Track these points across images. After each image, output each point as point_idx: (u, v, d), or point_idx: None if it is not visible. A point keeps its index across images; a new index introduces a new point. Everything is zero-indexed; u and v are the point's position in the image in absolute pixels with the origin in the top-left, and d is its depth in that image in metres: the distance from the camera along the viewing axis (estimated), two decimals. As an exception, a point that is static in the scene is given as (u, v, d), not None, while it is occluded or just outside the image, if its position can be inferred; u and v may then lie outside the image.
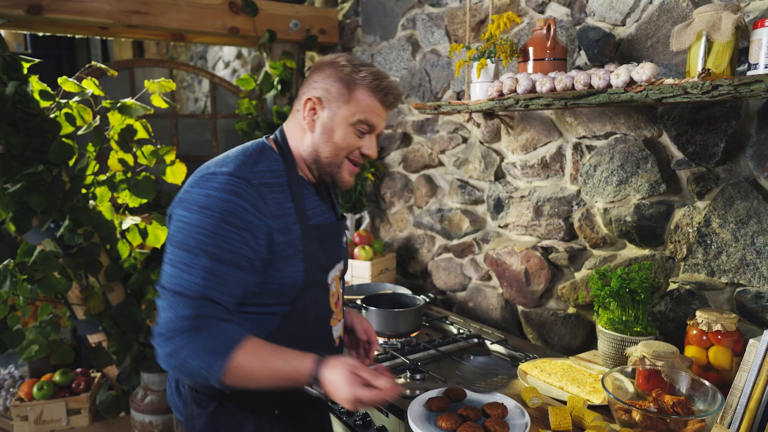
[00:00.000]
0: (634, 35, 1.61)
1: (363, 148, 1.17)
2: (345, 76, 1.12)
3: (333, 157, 1.15)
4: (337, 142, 1.14)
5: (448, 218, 2.36)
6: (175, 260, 1.03)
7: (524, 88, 1.48)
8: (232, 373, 0.99)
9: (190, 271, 1.01)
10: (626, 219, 1.66)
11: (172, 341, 0.99)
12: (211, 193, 1.04)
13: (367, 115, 1.14)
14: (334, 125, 1.13)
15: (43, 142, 2.26)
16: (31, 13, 2.25)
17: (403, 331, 1.77)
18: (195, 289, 1.01)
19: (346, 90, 1.12)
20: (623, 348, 1.48)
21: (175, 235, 1.04)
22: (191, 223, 1.03)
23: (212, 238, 1.02)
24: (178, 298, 1.01)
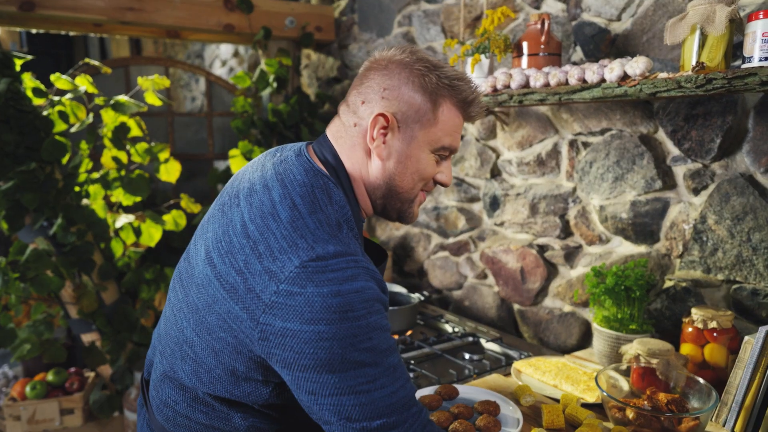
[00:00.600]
0: (630, 30, 1.60)
1: (439, 175, 0.94)
2: (428, 85, 0.86)
3: (410, 191, 0.91)
4: (417, 172, 0.90)
5: (444, 216, 2.35)
6: (343, 389, 0.76)
7: (518, 83, 1.46)
8: None
9: (405, 383, 0.80)
10: (622, 216, 1.64)
11: None
12: (341, 289, 0.77)
13: (452, 138, 0.90)
14: (412, 152, 0.89)
15: (36, 140, 2.24)
16: (23, 10, 2.23)
17: (397, 329, 1.75)
18: (393, 406, 0.78)
19: (431, 105, 0.87)
20: (619, 346, 1.47)
21: (317, 359, 0.76)
22: (336, 337, 0.75)
23: (374, 338, 0.78)
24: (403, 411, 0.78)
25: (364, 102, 0.89)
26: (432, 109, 0.87)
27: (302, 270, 0.77)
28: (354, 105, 0.91)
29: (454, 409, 1.18)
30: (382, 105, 0.87)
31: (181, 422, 0.92)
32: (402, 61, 0.89)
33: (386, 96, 0.87)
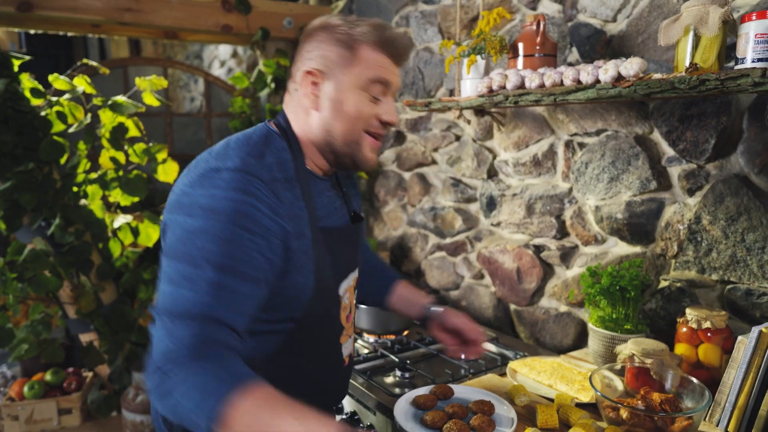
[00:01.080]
0: (625, 31, 1.60)
1: (382, 115, 0.99)
2: (343, 36, 0.95)
3: (349, 133, 0.98)
4: (349, 113, 0.97)
5: (441, 217, 2.35)
6: (173, 276, 0.84)
7: (513, 84, 1.47)
8: (228, 424, 0.73)
9: (193, 287, 0.83)
10: (617, 216, 1.65)
11: (168, 376, 0.78)
12: (218, 193, 0.86)
13: (377, 71, 0.97)
14: (342, 95, 0.96)
15: (34, 140, 2.25)
16: (21, 10, 2.23)
17: (393, 329, 1.76)
18: (200, 308, 0.82)
19: (348, 51, 0.95)
20: (614, 346, 1.47)
21: (174, 246, 0.86)
22: (194, 229, 0.85)
23: (221, 246, 0.84)
24: (179, 323, 0.81)
25: (297, 69, 1.00)
26: (350, 54, 0.96)
27: (200, 177, 0.90)
28: (293, 74, 1.02)
29: (448, 409, 1.18)
30: (307, 65, 0.98)
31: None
32: (321, 25, 1.00)
33: (310, 57, 0.98)
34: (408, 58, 1.02)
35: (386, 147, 2.65)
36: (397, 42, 0.98)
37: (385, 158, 2.67)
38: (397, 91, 1.06)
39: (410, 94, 2.47)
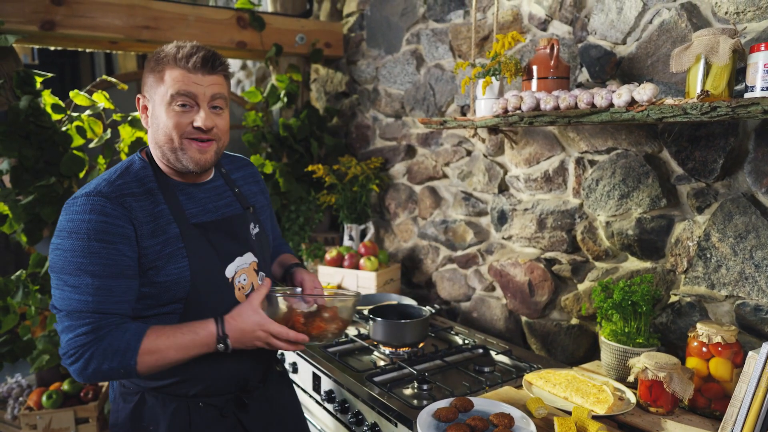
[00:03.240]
0: (635, 54, 1.66)
1: (194, 121, 1.16)
2: (152, 63, 1.17)
3: (170, 142, 1.16)
4: (162, 126, 1.16)
5: (452, 229, 2.40)
6: (60, 284, 1.10)
7: (528, 106, 1.52)
8: (144, 361, 1.09)
9: (77, 291, 1.08)
10: (628, 232, 1.70)
11: (77, 358, 1.08)
12: (75, 217, 1.10)
13: (176, 86, 1.14)
14: (157, 112, 1.16)
15: (55, 155, 2.30)
16: (44, 29, 2.30)
17: (409, 342, 1.80)
18: (87, 306, 1.08)
19: (157, 74, 1.15)
20: (626, 359, 1.52)
21: (55, 262, 1.11)
22: (65, 248, 1.09)
23: (88, 258, 1.08)
24: (73, 316, 1.09)
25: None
26: (159, 76, 1.15)
27: (65, 206, 1.13)
28: None
29: (470, 422, 1.23)
30: (141, 91, 1.22)
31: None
32: (149, 57, 1.20)
33: (143, 83, 1.21)
34: (211, 65, 1.17)
35: (397, 161, 2.71)
36: (192, 54, 1.14)
37: (396, 171, 2.73)
38: (211, 98, 1.18)
39: (421, 110, 2.53)
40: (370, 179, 2.72)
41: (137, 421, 1.24)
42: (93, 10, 2.37)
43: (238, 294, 1.27)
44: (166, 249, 1.16)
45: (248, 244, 1.32)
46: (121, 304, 1.12)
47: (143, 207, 1.15)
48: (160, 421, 1.24)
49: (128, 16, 2.46)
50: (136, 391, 1.26)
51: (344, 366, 1.73)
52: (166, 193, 1.20)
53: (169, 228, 1.17)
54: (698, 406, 1.38)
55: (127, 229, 1.12)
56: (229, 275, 1.26)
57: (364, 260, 2.48)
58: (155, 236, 1.15)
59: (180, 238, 1.18)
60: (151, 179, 1.20)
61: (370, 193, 2.83)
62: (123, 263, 1.11)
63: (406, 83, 2.62)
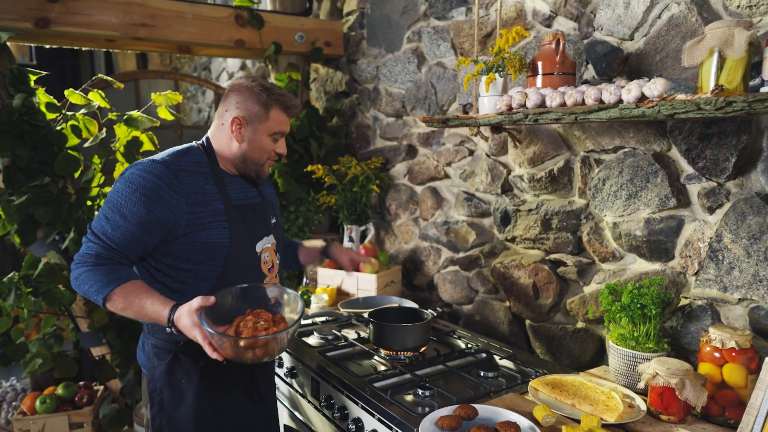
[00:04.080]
0: (643, 50, 1.61)
1: (277, 149, 1.53)
2: (262, 99, 1.46)
3: (258, 160, 1.51)
4: (260, 148, 1.50)
5: (454, 231, 2.35)
6: (103, 213, 1.37)
7: (534, 103, 1.47)
8: (111, 301, 1.32)
9: (107, 222, 1.35)
10: (636, 233, 1.65)
11: (77, 269, 1.35)
12: (136, 172, 1.37)
13: (280, 127, 1.50)
14: (257, 137, 1.48)
15: (49, 154, 2.26)
16: (39, 27, 2.25)
17: (410, 346, 1.75)
18: (106, 235, 1.35)
19: (264, 110, 1.47)
20: (635, 364, 1.47)
21: (108, 197, 1.38)
22: (117, 190, 1.37)
23: (128, 202, 1.34)
24: (93, 239, 1.36)
25: (227, 110, 1.49)
26: (266, 112, 1.47)
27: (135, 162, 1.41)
28: (221, 112, 1.50)
29: (474, 431, 1.18)
30: (236, 112, 1.48)
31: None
32: (247, 86, 1.48)
33: (239, 107, 1.48)
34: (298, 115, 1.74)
35: (397, 161, 2.66)
36: (294, 108, 1.52)
37: (397, 171, 2.68)
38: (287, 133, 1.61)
39: (423, 108, 2.48)
40: (371, 180, 2.68)
41: (172, 375, 1.45)
42: (88, 7, 2.33)
43: (263, 267, 1.54)
44: (208, 218, 1.42)
45: (271, 229, 1.60)
46: (132, 249, 1.37)
47: (194, 182, 1.42)
48: (192, 375, 1.45)
49: (125, 13, 2.41)
50: (170, 350, 1.46)
51: (343, 371, 1.68)
52: (216, 177, 1.48)
53: (213, 203, 1.44)
54: (712, 414, 1.33)
55: (171, 197, 1.37)
56: (258, 250, 1.53)
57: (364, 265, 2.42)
58: (202, 205, 1.41)
59: (224, 213, 1.44)
60: (205, 165, 1.47)
61: (371, 194, 2.78)
62: (148, 219, 1.34)
63: (407, 82, 2.57)
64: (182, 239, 1.40)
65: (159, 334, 1.48)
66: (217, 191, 1.46)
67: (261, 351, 1.26)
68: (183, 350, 1.46)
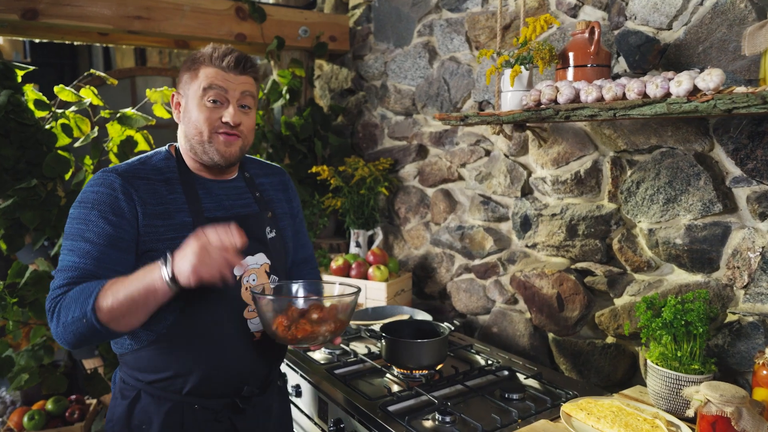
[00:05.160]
0: (683, 40, 1.47)
1: (222, 117, 1.22)
2: (188, 62, 1.24)
3: (199, 135, 1.22)
4: (193, 119, 1.22)
5: (469, 236, 2.21)
6: (64, 248, 1.17)
7: (566, 98, 1.33)
8: (102, 309, 1.05)
9: (72, 253, 1.15)
10: (676, 241, 1.50)
11: (50, 313, 1.11)
12: (87, 189, 1.19)
13: (209, 81, 1.20)
14: (189, 106, 1.23)
15: (38, 155, 2.11)
16: (26, 18, 2.11)
17: (427, 364, 1.61)
18: (74, 265, 1.14)
19: (192, 72, 1.22)
20: (678, 387, 1.32)
21: (66, 229, 1.19)
22: (73, 216, 1.18)
23: (86, 225, 1.15)
24: (59, 274, 1.14)
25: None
26: (194, 74, 1.22)
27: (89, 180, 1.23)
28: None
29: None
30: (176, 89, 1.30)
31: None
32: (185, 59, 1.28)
33: (178, 85, 1.29)
34: (243, 67, 1.24)
35: (407, 161, 2.52)
36: (226, 54, 1.22)
37: (406, 173, 2.54)
38: (240, 95, 1.23)
39: (434, 106, 2.34)
40: (379, 181, 2.53)
41: (130, 419, 1.24)
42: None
43: (244, 294, 1.27)
44: (169, 233, 1.19)
45: (262, 245, 1.33)
46: (108, 272, 1.13)
47: (154, 191, 1.21)
48: (153, 420, 1.23)
49: (118, 5, 2.27)
50: (134, 387, 1.26)
51: (353, 391, 1.54)
52: (186, 185, 1.25)
53: (178, 215, 1.21)
54: (770, 446, 1.18)
55: (129, 207, 1.17)
56: (237, 273, 1.26)
57: (373, 270, 2.28)
58: (162, 218, 1.20)
59: (191, 228, 1.19)
60: (172, 170, 1.26)
61: (379, 197, 2.64)
62: (117, 236, 1.16)
63: (417, 78, 2.43)
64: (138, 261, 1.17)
65: (129, 363, 1.25)
66: (185, 201, 1.23)
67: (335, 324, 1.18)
68: (148, 389, 1.24)
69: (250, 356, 1.28)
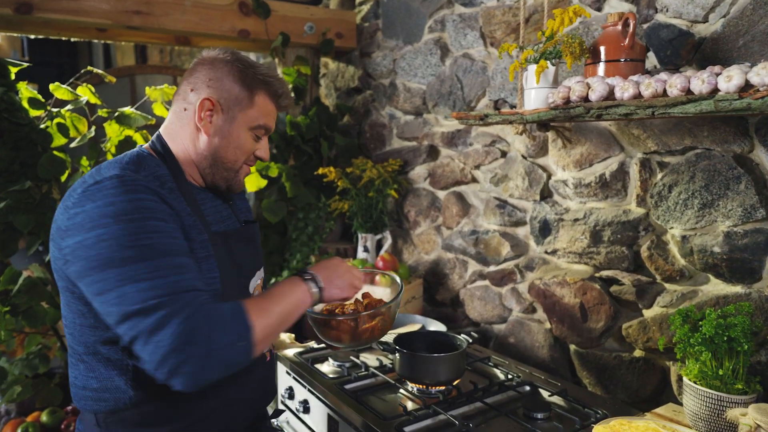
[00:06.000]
0: (721, 33, 1.37)
1: (258, 151, 1.14)
2: (246, 79, 1.07)
3: (233, 162, 1.11)
4: (239, 147, 1.10)
5: (483, 241, 2.11)
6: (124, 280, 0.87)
7: (599, 95, 1.23)
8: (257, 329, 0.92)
9: (154, 275, 0.88)
10: (713, 249, 1.40)
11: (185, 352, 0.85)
12: (116, 200, 0.91)
13: (266, 120, 1.12)
14: (234, 130, 1.08)
15: (32, 156, 2.02)
16: (20, 13, 2.02)
17: (444, 380, 1.51)
18: (170, 289, 0.88)
19: (246, 92, 1.07)
20: (720, 409, 1.22)
21: (104, 258, 0.88)
22: (113, 236, 0.89)
23: (153, 237, 0.91)
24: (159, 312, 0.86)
25: (193, 90, 1.07)
26: (249, 97, 1.08)
27: (83, 193, 0.93)
28: (184, 93, 1.09)
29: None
30: (207, 92, 1.06)
31: (82, 395, 1.03)
32: (224, 59, 1.08)
33: (211, 85, 1.06)
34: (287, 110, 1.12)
35: (417, 163, 2.42)
36: (286, 97, 1.14)
37: (417, 175, 2.43)
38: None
39: (446, 105, 2.24)
40: (388, 183, 2.43)
41: None
42: (76, -9, 2.09)
43: None
44: (201, 251, 1.02)
45: (261, 259, 1.25)
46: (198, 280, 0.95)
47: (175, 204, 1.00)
48: None
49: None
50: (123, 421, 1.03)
51: (366, 409, 1.44)
52: (187, 196, 1.06)
53: (199, 231, 1.03)
54: (828, 476, 1.08)
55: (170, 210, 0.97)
56: (251, 291, 1.17)
57: (380, 277, 2.18)
58: (197, 231, 1.02)
59: (208, 246, 1.03)
60: (168, 179, 1.04)
61: (387, 199, 2.54)
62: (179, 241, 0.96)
63: (428, 76, 2.33)
64: None
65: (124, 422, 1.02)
66: (194, 216, 1.04)
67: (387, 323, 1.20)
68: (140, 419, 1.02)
69: (263, 377, 1.20)
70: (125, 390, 1.00)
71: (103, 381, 1.00)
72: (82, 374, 1.02)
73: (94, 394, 1.01)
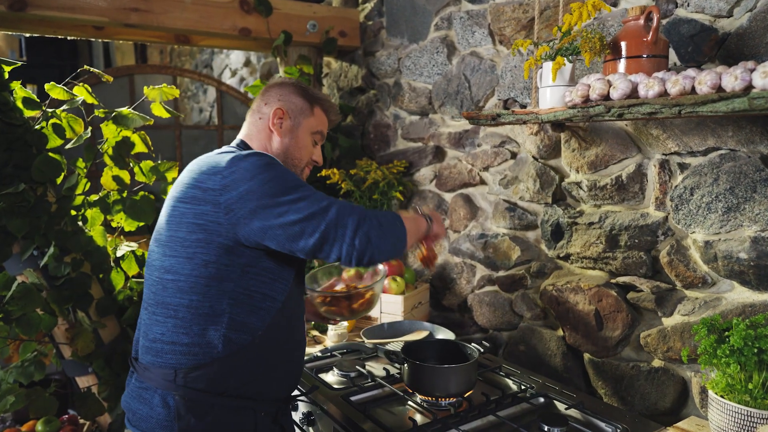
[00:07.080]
0: (746, 28, 1.30)
1: (314, 155, 1.38)
2: (307, 95, 1.35)
3: (300, 159, 1.34)
4: (304, 147, 1.34)
5: (492, 245, 2.04)
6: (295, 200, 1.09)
7: (622, 93, 1.16)
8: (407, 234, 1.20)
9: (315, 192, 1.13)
10: (740, 255, 1.33)
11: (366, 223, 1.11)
12: (261, 160, 1.13)
13: (322, 126, 1.38)
14: (299, 133, 1.33)
15: (26, 157, 1.95)
16: (13, 9, 1.95)
17: (454, 392, 1.44)
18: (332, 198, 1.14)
19: (307, 104, 1.34)
20: (750, 425, 1.15)
21: (270, 193, 1.09)
22: (272, 178, 1.11)
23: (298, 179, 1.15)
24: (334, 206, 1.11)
25: (266, 104, 1.34)
26: (309, 108, 1.35)
27: (231, 161, 1.14)
28: (259, 107, 1.35)
29: None
30: (278, 104, 1.33)
31: (168, 349, 1.15)
32: (290, 82, 1.38)
33: (281, 99, 1.34)
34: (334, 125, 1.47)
35: (423, 164, 2.35)
36: (335, 115, 1.42)
37: (422, 176, 2.37)
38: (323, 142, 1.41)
39: (453, 105, 2.17)
40: (393, 186, 2.37)
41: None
42: (72, -13, 2.03)
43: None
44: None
45: None
46: None
47: None
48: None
49: (114, -4, 2.11)
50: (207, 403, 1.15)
51: (374, 423, 1.37)
52: None
53: None
54: None
55: None
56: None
57: (389, 281, 2.12)
58: None
59: None
60: None
61: (392, 202, 2.47)
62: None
63: (434, 75, 2.27)
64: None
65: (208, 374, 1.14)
66: None
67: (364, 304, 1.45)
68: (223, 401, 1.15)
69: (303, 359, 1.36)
70: (215, 345, 1.13)
71: (194, 336, 1.13)
72: (170, 330, 1.15)
73: (183, 349, 1.14)
